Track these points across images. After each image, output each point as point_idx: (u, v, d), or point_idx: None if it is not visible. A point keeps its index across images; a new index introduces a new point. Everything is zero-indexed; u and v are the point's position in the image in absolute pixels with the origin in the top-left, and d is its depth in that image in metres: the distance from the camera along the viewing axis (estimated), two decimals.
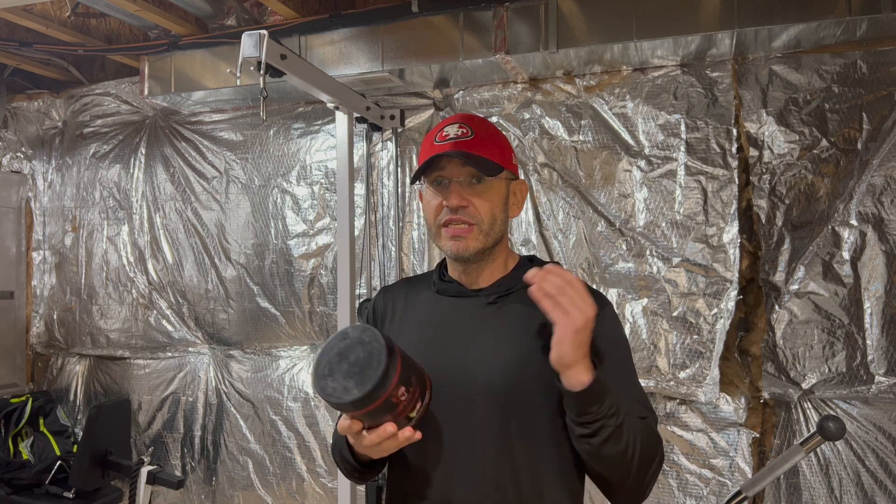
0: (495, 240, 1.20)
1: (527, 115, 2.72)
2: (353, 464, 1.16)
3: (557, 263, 1.28)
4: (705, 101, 2.47)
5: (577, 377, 1.02)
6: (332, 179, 3.02)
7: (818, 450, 2.30)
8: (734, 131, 2.42)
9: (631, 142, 2.56)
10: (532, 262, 1.27)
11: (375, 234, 2.99)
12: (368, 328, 1.00)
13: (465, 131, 1.18)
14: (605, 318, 1.17)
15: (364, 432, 1.02)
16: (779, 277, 2.37)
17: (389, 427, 1.00)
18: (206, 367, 3.28)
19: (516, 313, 1.18)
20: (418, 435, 1.02)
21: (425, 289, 1.30)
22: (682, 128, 2.49)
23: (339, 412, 1.01)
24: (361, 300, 2.92)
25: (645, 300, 2.52)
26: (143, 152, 3.39)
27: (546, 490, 1.13)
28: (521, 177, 2.69)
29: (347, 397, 0.95)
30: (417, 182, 1.22)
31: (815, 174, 2.34)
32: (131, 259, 3.41)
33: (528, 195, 2.69)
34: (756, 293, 2.44)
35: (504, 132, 2.73)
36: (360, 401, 0.96)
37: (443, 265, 1.30)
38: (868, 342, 2.26)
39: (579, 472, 1.17)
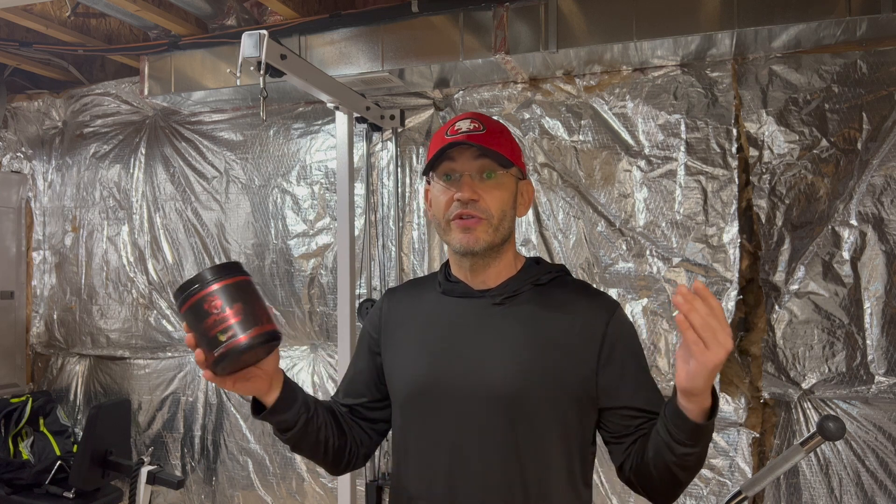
0: (503, 236, 1.19)
1: (527, 115, 2.72)
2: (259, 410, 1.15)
3: (562, 266, 1.28)
4: (705, 101, 2.47)
5: (701, 405, 1.01)
6: (332, 179, 3.02)
7: (818, 450, 2.30)
8: (734, 131, 2.42)
9: (631, 142, 2.56)
10: (539, 264, 1.26)
11: (375, 234, 2.99)
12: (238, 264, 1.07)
13: (476, 126, 1.18)
14: (622, 324, 1.18)
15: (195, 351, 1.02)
16: (779, 277, 2.36)
17: (197, 352, 1.01)
18: None
19: (524, 315, 1.18)
20: (208, 374, 1.02)
21: (431, 290, 1.28)
22: (682, 128, 2.49)
23: None
24: (361, 300, 2.92)
25: (645, 300, 2.52)
26: (143, 152, 3.39)
27: (553, 493, 1.13)
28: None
29: (177, 288, 1.04)
30: (426, 177, 1.21)
31: (815, 174, 2.34)
32: (131, 259, 3.41)
33: None
34: (756, 293, 2.44)
35: None
36: (177, 292, 1.03)
37: (447, 265, 1.29)
38: (868, 342, 2.26)
39: (586, 474, 1.17)
